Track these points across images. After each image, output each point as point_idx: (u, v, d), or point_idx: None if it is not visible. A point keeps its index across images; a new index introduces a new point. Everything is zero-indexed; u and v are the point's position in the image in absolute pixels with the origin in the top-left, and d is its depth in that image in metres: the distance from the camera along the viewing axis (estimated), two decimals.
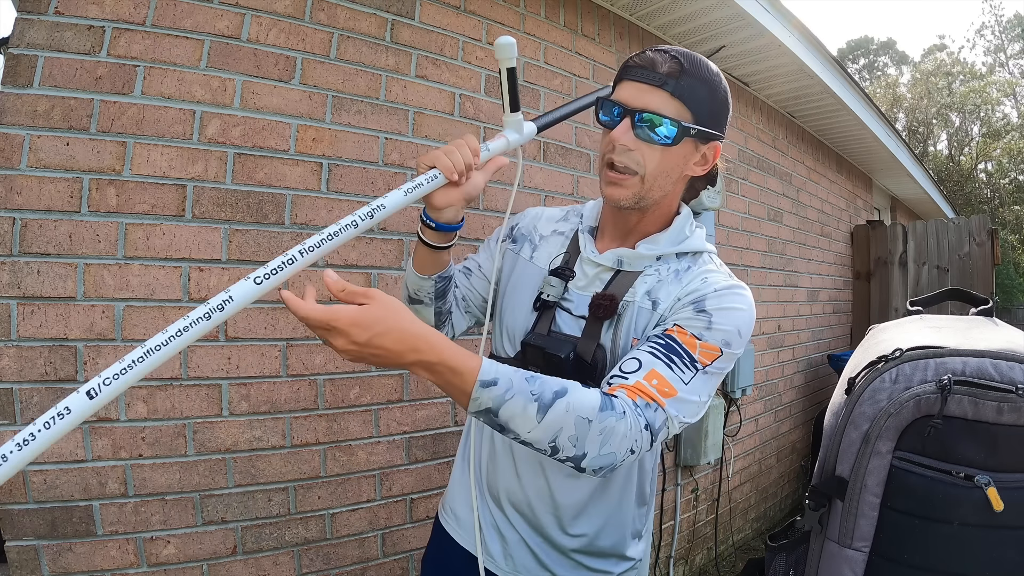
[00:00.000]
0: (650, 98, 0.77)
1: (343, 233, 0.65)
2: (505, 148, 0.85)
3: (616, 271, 0.86)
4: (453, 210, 0.82)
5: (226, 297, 0.57)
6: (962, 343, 0.93)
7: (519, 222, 1.02)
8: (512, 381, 0.65)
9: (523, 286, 0.93)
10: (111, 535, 1.25)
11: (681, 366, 0.74)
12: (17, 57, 1.17)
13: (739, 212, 2.99)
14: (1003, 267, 13.89)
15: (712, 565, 2.89)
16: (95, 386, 0.50)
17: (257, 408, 1.42)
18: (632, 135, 0.78)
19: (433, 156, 0.78)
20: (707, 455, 2.56)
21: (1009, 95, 19.47)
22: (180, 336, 0.54)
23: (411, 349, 0.62)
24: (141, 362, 0.52)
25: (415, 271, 0.90)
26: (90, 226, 1.23)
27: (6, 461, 0.46)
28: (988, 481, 0.83)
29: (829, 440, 1.02)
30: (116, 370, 0.51)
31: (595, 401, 0.68)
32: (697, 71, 0.78)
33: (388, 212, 0.69)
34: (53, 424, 0.48)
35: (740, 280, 0.84)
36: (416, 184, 0.74)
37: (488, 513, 0.94)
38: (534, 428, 0.65)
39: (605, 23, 2.23)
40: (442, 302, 0.94)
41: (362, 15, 1.58)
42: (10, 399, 1.16)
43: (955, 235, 4.10)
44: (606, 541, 0.90)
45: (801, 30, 2.66)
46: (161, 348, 0.53)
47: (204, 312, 0.55)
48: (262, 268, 0.60)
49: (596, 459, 0.68)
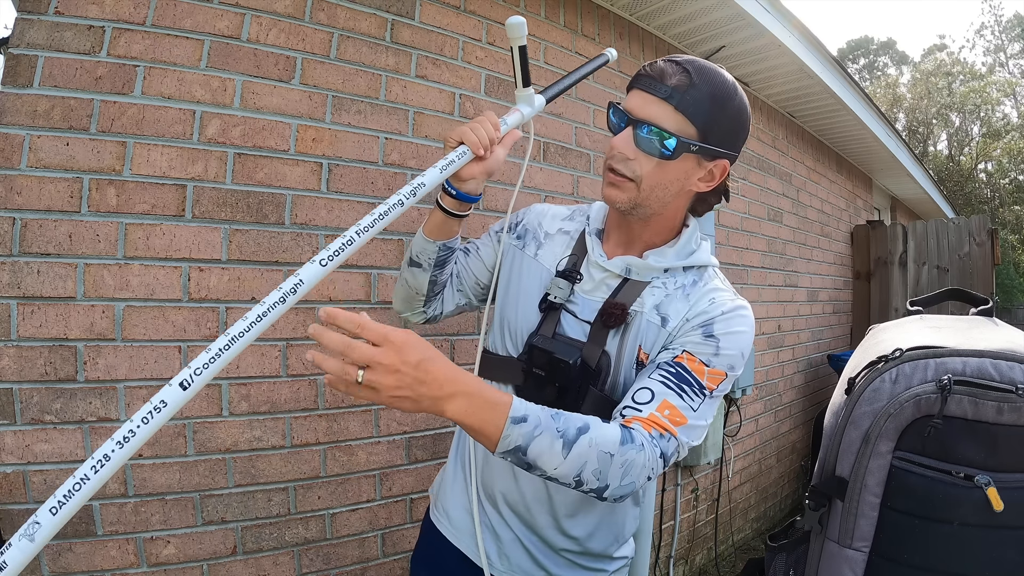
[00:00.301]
0: (654, 110, 0.76)
1: (391, 212, 0.68)
2: (520, 121, 0.90)
3: (624, 279, 0.86)
4: (475, 182, 0.86)
5: (297, 281, 0.60)
6: (962, 343, 0.93)
7: (524, 217, 1.02)
8: (540, 418, 0.67)
9: (527, 284, 0.93)
10: (111, 535, 1.25)
11: (691, 394, 0.76)
12: (17, 57, 1.17)
13: (739, 212, 2.99)
14: (1003, 267, 13.89)
15: (712, 565, 2.89)
16: (187, 377, 0.53)
17: (257, 408, 1.42)
18: (632, 144, 0.79)
19: (460, 132, 0.82)
20: (707, 455, 2.56)
21: (1009, 95, 19.47)
22: (260, 321, 0.57)
23: (453, 380, 0.63)
24: (227, 350, 0.54)
25: (424, 234, 0.93)
26: (90, 226, 1.23)
27: (108, 460, 0.48)
28: (988, 481, 0.83)
29: (829, 440, 1.02)
30: (204, 360, 0.53)
31: (616, 436, 0.70)
32: (707, 86, 0.76)
33: (428, 189, 0.74)
34: (151, 418, 0.50)
35: (742, 297, 0.86)
36: (449, 161, 0.79)
37: (483, 513, 0.94)
38: (560, 464, 0.67)
39: (605, 23, 2.23)
40: (439, 271, 0.97)
41: (362, 15, 1.58)
42: (10, 399, 1.16)
43: (955, 235, 4.09)
44: (601, 541, 0.91)
45: (801, 30, 2.66)
46: (244, 335, 0.55)
47: (279, 297, 0.58)
48: (324, 251, 0.62)
49: (617, 489, 0.70)
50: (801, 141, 3.73)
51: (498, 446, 0.65)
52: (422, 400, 0.61)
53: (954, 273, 4.04)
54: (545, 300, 0.88)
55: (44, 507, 0.46)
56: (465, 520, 0.95)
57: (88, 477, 0.47)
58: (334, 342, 0.57)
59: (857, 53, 29.13)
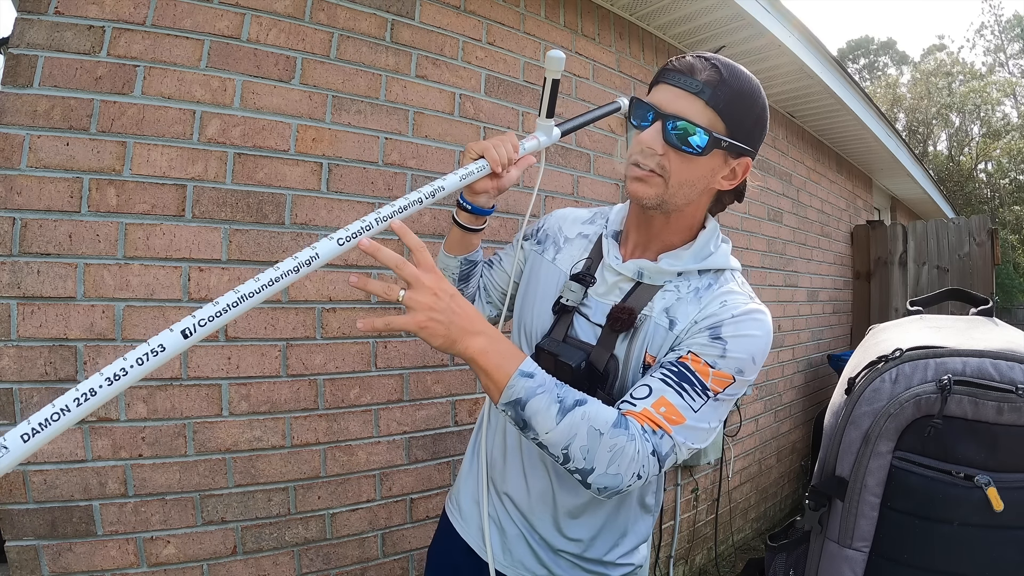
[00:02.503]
0: (684, 105, 0.75)
1: (410, 207, 0.71)
2: (536, 148, 0.92)
3: (636, 283, 0.85)
4: (487, 196, 0.89)
5: (313, 254, 0.62)
6: (962, 343, 0.93)
7: (545, 223, 1.03)
8: (545, 380, 0.71)
9: (544, 288, 0.93)
10: (111, 535, 1.25)
11: (692, 394, 0.74)
12: (17, 57, 1.17)
13: (739, 212, 2.99)
14: (1003, 267, 13.89)
15: (712, 565, 2.89)
16: (190, 326, 0.53)
17: (257, 408, 1.42)
18: (661, 140, 0.76)
19: (482, 146, 0.84)
20: (707, 455, 2.56)
21: (1009, 95, 19.47)
22: (272, 285, 0.58)
23: (481, 320, 0.69)
24: (235, 307, 0.56)
25: (444, 252, 0.97)
26: (90, 226, 1.23)
27: (94, 395, 0.47)
28: (988, 481, 0.83)
29: (829, 440, 1.01)
30: (210, 312, 0.54)
31: (611, 417, 0.70)
32: (736, 82, 0.76)
33: (447, 192, 0.77)
34: (146, 360, 0.50)
35: (760, 302, 0.82)
36: (468, 171, 0.82)
37: (491, 505, 0.95)
38: (552, 429, 0.69)
39: (605, 23, 2.23)
40: (464, 285, 1.00)
41: (362, 15, 1.58)
42: (10, 399, 1.16)
43: (955, 235, 4.09)
44: (601, 546, 0.91)
45: (801, 30, 2.66)
46: (254, 295, 0.57)
47: (294, 266, 0.60)
48: (342, 231, 0.64)
49: (602, 476, 0.69)
50: (801, 141, 3.72)
51: (502, 394, 0.69)
52: (452, 328, 0.66)
53: (954, 273, 4.04)
54: (558, 303, 0.88)
55: (15, 431, 0.44)
56: (473, 511, 0.97)
57: (69, 408, 0.46)
58: (389, 256, 0.63)
59: (857, 53, 29.13)
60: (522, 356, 0.71)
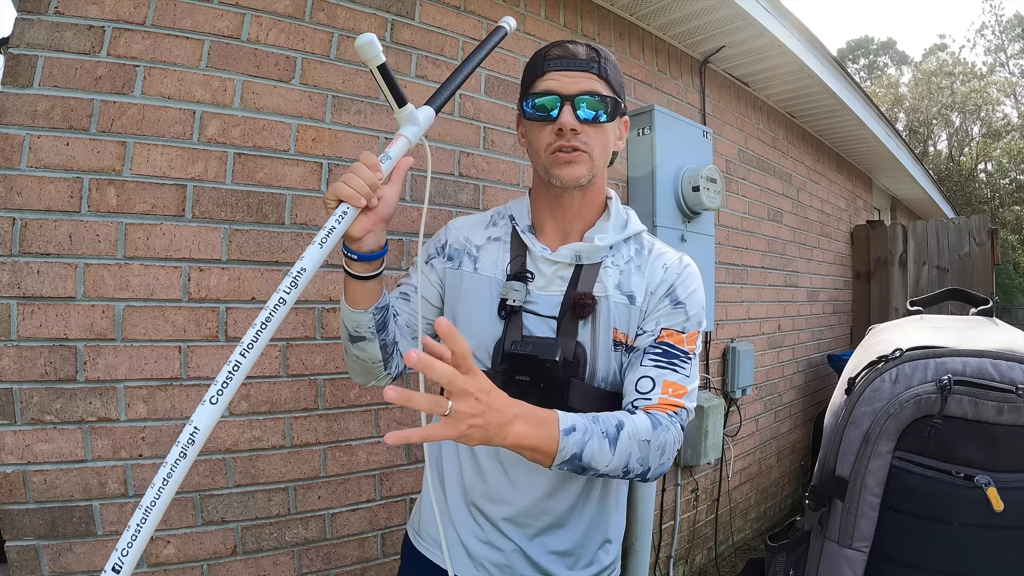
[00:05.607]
0: (584, 82, 0.82)
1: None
2: (407, 147, 0.80)
3: (576, 266, 0.87)
4: (373, 236, 0.78)
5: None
6: (962, 343, 0.93)
7: (446, 238, 0.98)
8: (585, 424, 0.72)
9: (476, 299, 0.90)
10: (111, 535, 1.25)
11: (681, 364, 0.83)
12: (17, 57, 1.17)
13: (739, 212, 2.99)
14: (1003, 267, 13.89)
15: (712, 565, 2.89)
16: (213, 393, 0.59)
17: (257, 408, 1.42)
18: (574, 119, 0.82)
19: (333, 190, 0.73)
20: (707, 455, 2.55)
21: (1009, 95, 19.49)
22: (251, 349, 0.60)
23: (511, 403, 0.67)
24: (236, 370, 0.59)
25: (350, 307, 0.83)
26: (90, 226, 1.23)
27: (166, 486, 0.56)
28: (988, 481, 0.82)
29: (829, 440, 1.01)
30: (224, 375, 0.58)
31: (647, 424, 0.77)
32: (606, 52, 0.86)
33: (311, 273, 0.65)
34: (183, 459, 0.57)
35: (678, 251, 0.92)
36: (328, 230, 0.68)
37: (479, 529, 0.91)
38: (610, 460, 0.73)
39: (605, 23, 2.23)
40: (384, 334, 0.87)
41: (362, 15, 1.58)
42: (10, 399, 1.16)
43: (955, 235, 4.09)
44: (589, 548, 0.91)
45: (801, 30, 2.66)
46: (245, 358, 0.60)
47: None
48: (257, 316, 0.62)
49: (657, 469, 0.78)
50: (801, 141, 3.73)
51: (556, 458, 0.70)
52: (489, 427, 0.63)
53: (954, 273, 4.04)
54: (504, 306, 0.87)
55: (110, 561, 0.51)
56: (452, 536, 0.92)
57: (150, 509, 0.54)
58: (443, 373, 0.58)
59: (857, 53, 29.13)
60: (554, 415, 0.70)
